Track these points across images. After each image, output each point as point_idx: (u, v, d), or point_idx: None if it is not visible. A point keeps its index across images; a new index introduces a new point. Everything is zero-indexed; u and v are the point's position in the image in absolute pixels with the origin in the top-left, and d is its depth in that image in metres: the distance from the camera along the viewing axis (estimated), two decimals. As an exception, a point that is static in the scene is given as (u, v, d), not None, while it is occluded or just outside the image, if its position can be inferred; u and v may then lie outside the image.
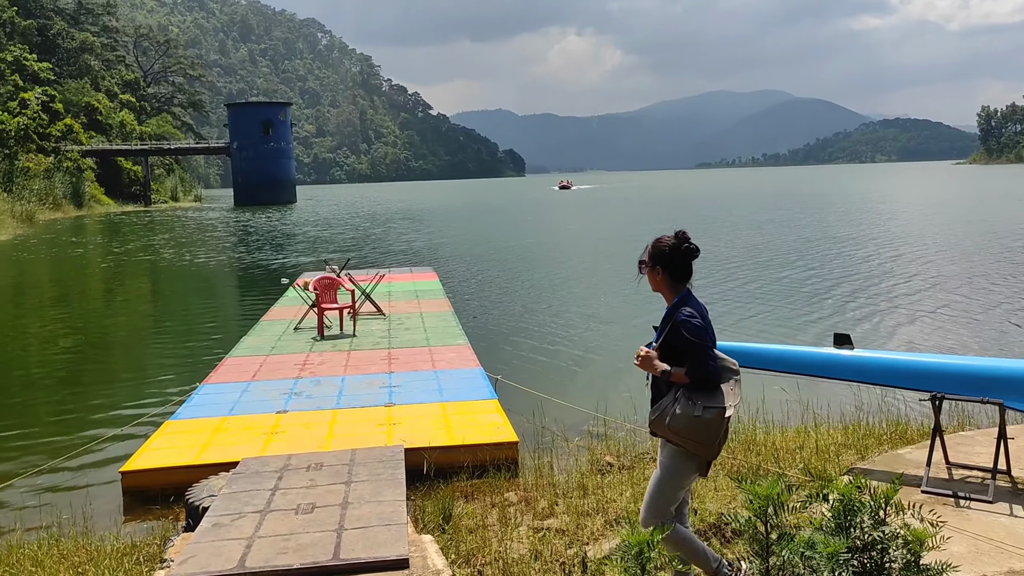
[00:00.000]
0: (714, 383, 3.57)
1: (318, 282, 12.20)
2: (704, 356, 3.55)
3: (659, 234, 4.01)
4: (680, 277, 3.74)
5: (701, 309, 3.73)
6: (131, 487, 6.64)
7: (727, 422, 3.58)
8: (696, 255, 3.75)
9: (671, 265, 3.73)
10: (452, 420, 7.73)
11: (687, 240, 3.73)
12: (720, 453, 3.76)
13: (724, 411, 3.53)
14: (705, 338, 3.59)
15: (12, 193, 53.88)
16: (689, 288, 3.79)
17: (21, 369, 12.28)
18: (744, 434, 7.38)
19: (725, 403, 3.55)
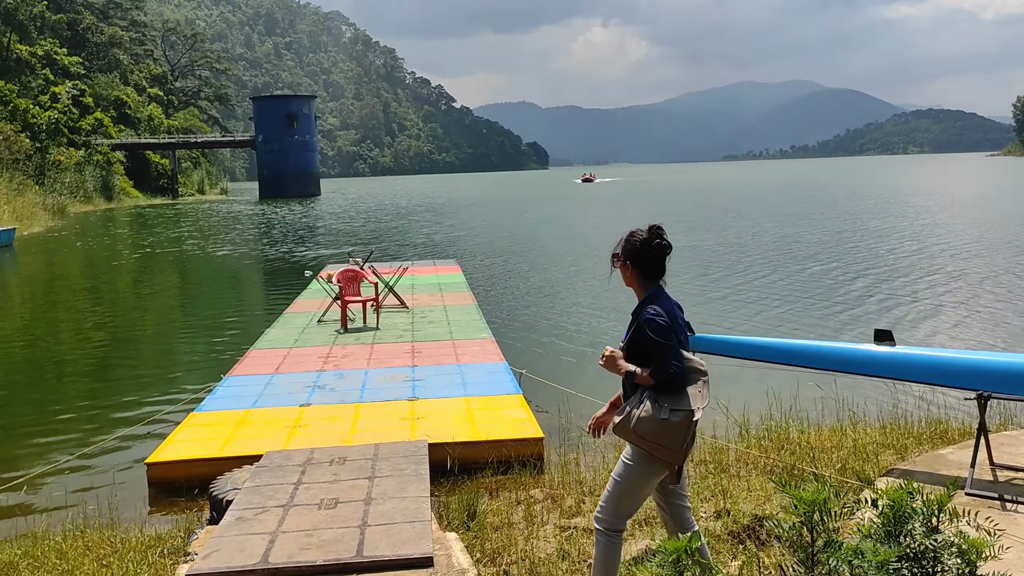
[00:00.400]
0: (679, 385, 3.41)
1: (342, 275, 12.15)
2: (668, 357, 3.40)
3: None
4: (651, 274, 3.60)
5: (670, 307, 3.58)
6: (156, 479, 6.62)
7: (694, 426, 3.42)
8: (668, 251, 3.59)
9: (642, 260, 3.58)
10: (476, 415, 7.63)
11: (660, 235, 3.58)
12: (687, 458, 3.56)
13: (691, 414, 3.37)
14: (670, 337, 3.43)
15: (44, 186, 54.51)
16: (662, 285, 3.65)
17: (50, 360, 12.35)
18: (777, 432, 7.22)
19: (692, 406, 3.39)
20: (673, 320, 3.50)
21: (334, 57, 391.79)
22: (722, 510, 5.30)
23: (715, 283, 18.07)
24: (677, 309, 3.64)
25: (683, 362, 3.44)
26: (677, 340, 3.48)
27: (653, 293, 3.59)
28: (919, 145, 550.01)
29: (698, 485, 5.92)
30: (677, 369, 3.38)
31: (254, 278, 23.34)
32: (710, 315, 14.03)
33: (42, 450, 7.94)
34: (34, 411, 9.40)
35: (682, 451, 3.43)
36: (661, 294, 3.60)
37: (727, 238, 28.43)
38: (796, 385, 8.72)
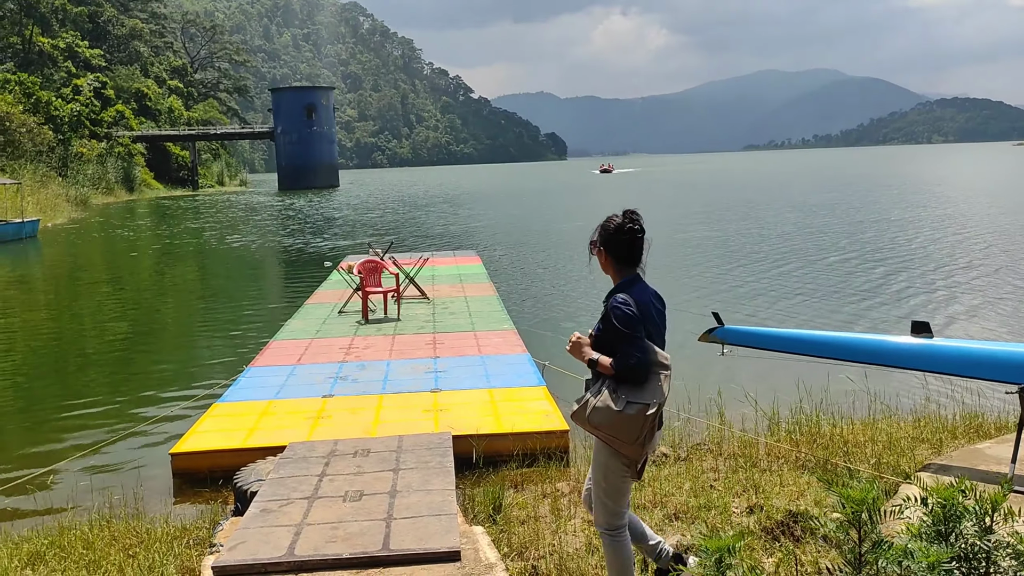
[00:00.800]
0: (639, 377, 3.29)
1: (362, 265, 12.11)
2: (630, 347, 3.27)
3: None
4: (626, 260, 3.49)
5: (643, 297, 3.45)
6: (180, 469, 6.60)
7: (650, 420, 3.28)
8: (640, 235, 3.47)
9: (616, 245, 3.47)
10: (500, 407, 7.56)
11: (633, 220, 3.47)
12: (649, 454, 3.44)
13: (646, 408, 3.26)
14: (634, 328, 3.29)
15: (67, 178, 54.93)
16: (640, 272, 3.53)
17: (73, 351, 12.42)
18: (808, 426, 7.10)
19: (649, 399, 3.28)
20: (644, 310, 3.39)
21: (352, 48, 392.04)
22: (755, 505, 5.21)
23: (737, 274, 17.91)
24: (653, 299, 3.52)
25: (647, 354, 3.30)
26: (645, 331, 3.35)
27: (627, 280, 3.48)
28: (944, 134, 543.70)
29: (729, 479, 5.82)
30: (637, 361, 3.26)
31: (274, 269, 23.40)
32: (735, 306, 13.90)
33: (66, 440, 7.96)
34: (58, 401, 9.44)
35: (638, 444, 3.32)
36: (636, 282, 3.49)
37: (747, 228, 28.18)
38: (826, 378, 8.59)
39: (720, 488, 5.65)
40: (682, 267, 19.19)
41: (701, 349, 10.82)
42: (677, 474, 6.14)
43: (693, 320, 12.83)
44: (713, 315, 6.49)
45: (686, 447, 6.98)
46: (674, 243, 24.36)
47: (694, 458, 6.65)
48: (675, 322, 12.39)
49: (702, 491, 5.61)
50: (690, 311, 13.76)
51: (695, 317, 13.05)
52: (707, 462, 6.49)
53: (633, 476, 3.47)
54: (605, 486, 3.50)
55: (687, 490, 5.66)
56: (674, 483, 5.86)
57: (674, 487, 5.76)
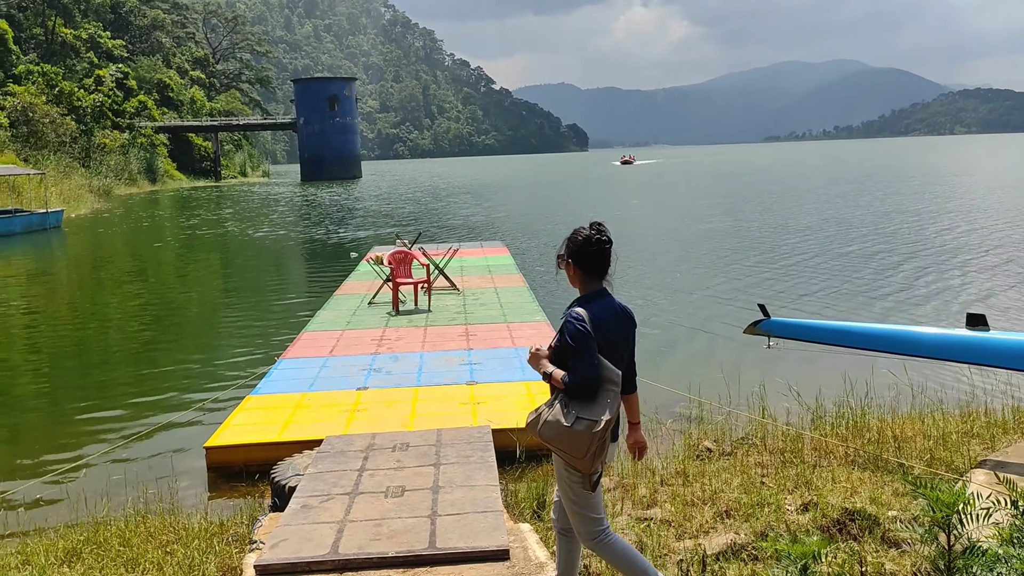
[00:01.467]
0: (586, 393, 3.22)
1: (392, 256, 11.98)
2: (579, 363, 3.22)
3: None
4: (594, 271, 3.41)
5: (602, 311, 3.36)
6: (215, 463, 6.51)
7: (598, 436, 3.19)
8: (607, 247, 3.40)
9: (584, 257, 3.39)
10: (538, 400, 7.39)
11: (600, 232, 3.39)
12: (600, 468, 3.35)
13: (595, 424, 3.17)
14: (585, 343, 3.23)
15: (90, 168, 55.26)
16: (607, 285, 3.47)
17: (101, 342, 12.38)
18: (852, 419, 6.90)
19: (598, 416, 3.19)
20: (600, 325, 3.31)
21: (373, 39, 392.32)
22: (809, 502, 5.02)
23: (769, 265, 17.63)
24: (618, 313, 3.43)
25: (594, 370, 3.22)
26: (599, 347, 3.27)
27: (590, 295, 3.42)
28: (966, 125, 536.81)
29: (779, 475, 5.64)
30: (583, 376, 3.20)
31: (299, 260, 23.36)
32: (769, 298, 13.66)
33: (98, 433, 7.89)
34: (87, 394, 9.39)
35: (587, 459, 3.24)
36: (599, 296, 3.42)
37: (773, 219, 27.83)
38: (866, 370, 8.37)
39: (771, 484, 5.47)
40: (713, 258, 18.94)
41: (738, 342, 10.68)
42: (723, 469, 5.97)
43: (728, 312, 12.65)
44: (759, 307, 6.29)
45: (730, 441, 6.81)
46: (699, 234, 24.09)
47: (739, 452, 6.47)
48: (710, 314, 12.14)
49: (752, 487, 5.43)
50: (724, 302, 13.54)
51: (733, 309, 12.86)
52: (753, 457, 6.31)
53: (586, 486, 3.38)
54: (573, 497, 3.44)
55: (737, 486, 5.48)
56: (722, 479, 5.69)
57: (722, 483, 5.59)
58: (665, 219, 30.45)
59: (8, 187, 38.43)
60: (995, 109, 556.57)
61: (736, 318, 12.19)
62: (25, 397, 9.49)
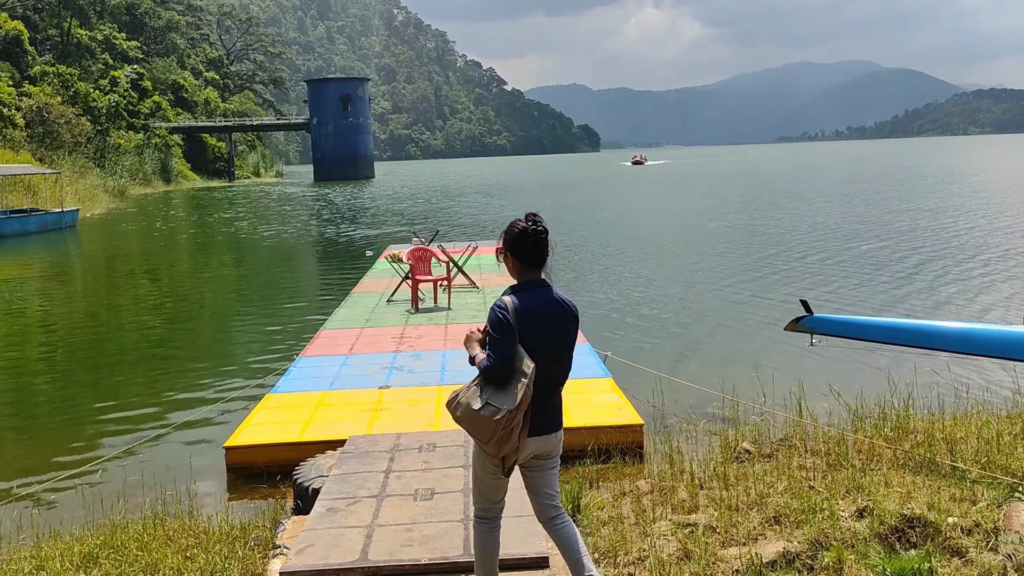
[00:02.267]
0: (495, 380, 3.26)
1: (411, 253, 11.76)
2: (492, 350, 3.27)
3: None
4: (531, 263, 3.41)
5: (531, 302, 3.34)
6: (235, 463, 6.28)
7: (502, 424, 3.23)
8: (543, 238, 3.39)
9: (520, 250, 3.39)
10: (567, 399, 7.08)
11: (536, 223, 3.41)
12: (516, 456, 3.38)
13: (496, 412, 3.22)
14: (503, 333, 3.26)
15: (105, 169, 55.34)
16: (546, 276, 3.46)
17: (117, 342, 12.19)
18: (895, 420, 6.60)
19: (503, 404, 3.23)
20: (525, 316, 3.30)
21: (386, 41, 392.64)
22: (864, 508, 4.74)
23: (796, 262, 17.31)
24: (553, 305, 3.39)
25: (504, 360, 3.25)
26: (522, 337, 3.28)
27: (521, 284, 3.43)
28: (980, 126, 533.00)
29: (828, 478, 5.36)
30: (492, 363, 3.25)
31: (314, 258, 23.18)
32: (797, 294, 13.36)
33: (114, 433, 7.69)
34: (103, 393, 9.17)
35: (493, 444, 3.30)
36: (532, 287, 3.41)
37: (790, 217, 27.47)
38: (911, 369, 8.08)
39: (820, 488, 5.19)
40: (736, 256, 18.62)
41: (771, 339, 10.39)
42: (766, 472, 5.70)
43: (759, 308, 12.31)
44: (801, 303, 5.99)
45: (768, 443, 6.53)
46: (715, 232, 23.78)
47: (779, 454, 6.20)
48: (739, 311, 11.80)
49: (800, 492, 5.16)
50: (754, 299, 13.23)
51: (764, 306, 12.54)
52: (794, 459, 6.03)
53: (500, 473, 3.46)
54: (479, 474, 3.53)
55: (783, 490, 5.21)
56: (766, 482, 5.42)
57: (767, 487, 5.31)
58: (684, 216, 30.12)
59: (24, 187, 38.45)
60: (1009, 109, 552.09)
61: (767, 315, 11.91)
62: (40, 396, 9.30)
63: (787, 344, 10.10)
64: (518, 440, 3.31)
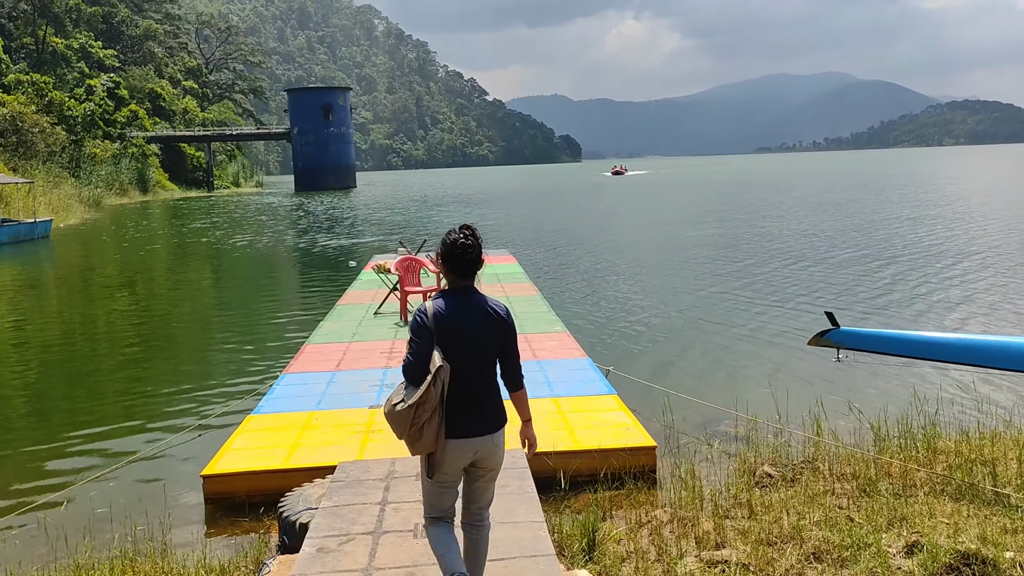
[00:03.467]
0: (410, 379, 3.41)
1: (400, 264, 11.26)
2: (409, 352, 3.42)
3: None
4: (460, 272, 3.52)
5: (451, 308, 3.46)
6: (213, 494, 5.75)
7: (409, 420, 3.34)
8: (471, 252, 3.50)
9: (452, 259, 3.51)
10: (571, 419, 6.69)
11: (467, 236, 3.53)
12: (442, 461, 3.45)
13: (395, 407, 3.37)
14: (416, 335, 3.42)
15: (79, 179, 54.35)
16: (475, 284, 3.58)
17: (88, 359, 11.50)
18: (924, 440, 6.17)
19: (406, 400, 3.36)
20: (443, 321, 3.42)
21: (367, 51, 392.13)
22: (913, 544, 4.30)
23: (805, 271, 16.95)
24: (477, 311, 3.50)
25: (416, 360, 3.39)
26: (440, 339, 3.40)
27: (447, 291, 3.56)
28: (955, 137, 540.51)
29: (867, 508, 4.92)
30: (407, 364, 3.42)
31: (296, 270, 22.57)
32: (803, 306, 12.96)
33: (82, 459, 7.10)
34: (73, 416, 8.51)
35: (407, 441, 3.41)
36: (458, 293, 3.53)
37: (772, 225, 27.20)
38: (935, 385, 7.69)
39: (859, 520, 4.74)
40: (736, 265, 18.24)
41: (785, 353, 9.95)
42: (792, 499, 5.26)
43: (771, 320, 11.86)
44: (827, 315, 5.59)
45: (790, 465, 6.08)
46: (697, 240, 23.44)
47: (803, 479, 5.75)
48: (751, 323, 11.30)
49: (837, 523, 4.71)
50: (765, 310, 12.80)
51: (776, 317, 12.10)
52: (820, 483, 5.59)
53: (425, 472, 3.54)
54: (422, 480, 3.60)
55: (819, 521, 4.76)
56: (796, 511, 4.97)
57: (798, 516, 4.86)
58: (664, 226, 29.76)
59: (-4, 197, 37.54)
60: (983, 120, 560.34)
61: (772, 326, 11.51)
62: (5, 418, 8.66)
63: (797, 357, 9.70)
64: (435, 440, 3.38)
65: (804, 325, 11.42)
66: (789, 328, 11.38)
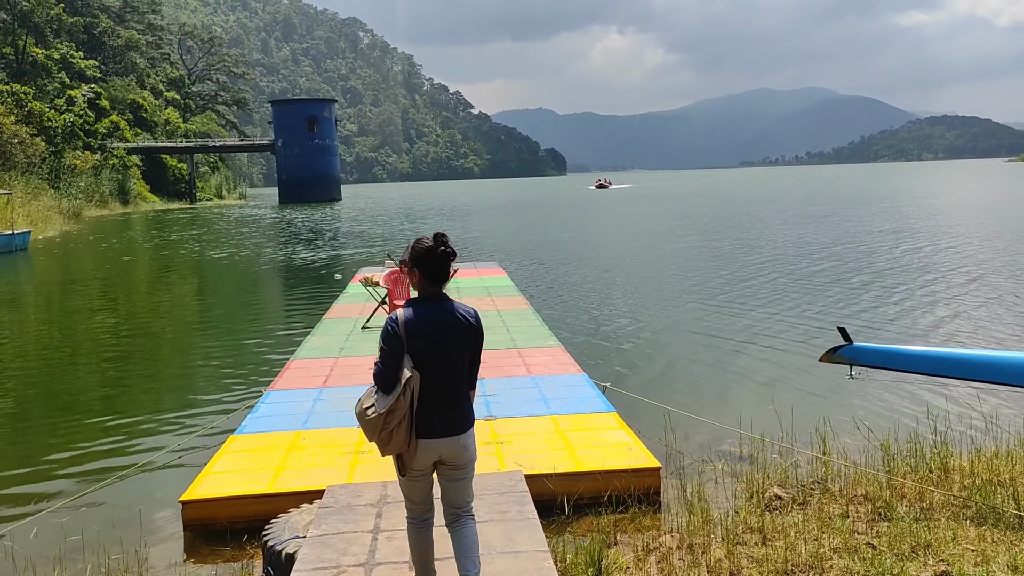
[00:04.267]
0: (381, 386, 3.53)
1: (388, 276, 10.96)
2: (379, 359, 3.53)
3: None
4: (434, 279, 3.63)
5: (423, 315, 3.54)
6: (193, 520, 5.42)
7: (379, 424, 3.46)
8: (451, 258, 3.61)
9: (426, 266, 3.60)
10: (571, 439, 6.41)
11: (444, 243, 3.60)
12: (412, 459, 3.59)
13: (365, 412, 3.51)
14: (385, 343, 3.51)
15: (59, 190, 53.65)
16: (446, 291, 3.69)
17: (65, 378, 11.00)
18: (936, 459, 5.92)
19: (376, 406, 3.48)
20: (414, 328, 3.50)
21: (352, 63, 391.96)
22: (942, 574, 4.05)
23: (804, 282, 16.77)
24: (448, 317, 3.58)
25: (384, 368, 3.50)
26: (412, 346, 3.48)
27: (418, 299, 3.64)
28: (933, 151, 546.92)
29: (884, 532, 4.66)
30: (377, 371, 3.53)
31: (282, 283, 22.17)
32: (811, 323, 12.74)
33: (55, 484, 6.70)
34: (46, 436, 8.06)
35: (378, 443, 3.52)
36: (429, 300, 3.61)
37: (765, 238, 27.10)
38: (937, 397, 7.47)
39: (882, 546, 4.49)
40: (724, 276, 18.04)
41: (786, 368, 9.69)
42: (805, 523, 5.00)
43: (772, 333, 11.60)
44: (839, 331, 5.35)
45: (798, 487, 5.82)
46: (681, 251, 23.27)
47: (814, 501, 5.49)
48: (751, 336, 11.02)
49: (858, 550, 4.45)
50: (765, 323, 12.57)
51: (779, 331, 11.86)
52: (833, 506, 5.34)
53: (397, 470, 3.68)
54: (398, 476, 3.73)
55: (838, 548, 4.50)
56: (811, 536, 4.71)
57: (816, 544, 4.60)
58: (648, 238, 29.60)
59: (-27, 208, 36.93)
60: (962, 135, 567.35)
61: (778, 340, 11.26)
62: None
63: (798, 371, 9.46)
64: (406, 442, 3.51)
65: (802, 337, 11.23)
66: (787, 340, 11.17)
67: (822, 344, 10.78)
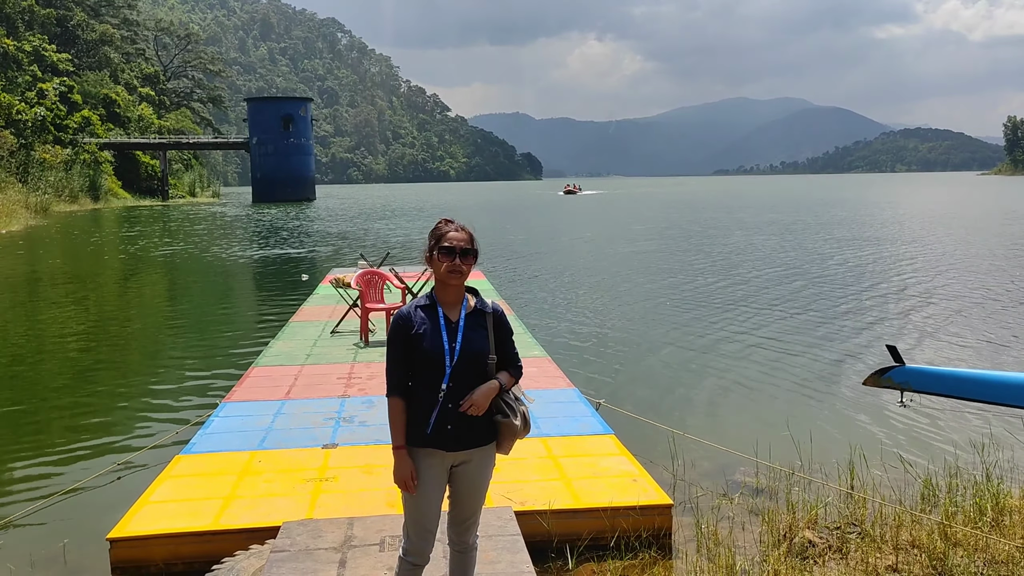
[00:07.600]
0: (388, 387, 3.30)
1: (360, 278, 10.12)
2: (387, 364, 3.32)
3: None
4: None
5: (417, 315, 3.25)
6: (122, 561, 4.56)
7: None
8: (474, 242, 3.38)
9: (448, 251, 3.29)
10: (565, 466, 5.60)
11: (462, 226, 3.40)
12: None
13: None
14: (391, 347, 3.28)
15: (28, 184, 52.20)
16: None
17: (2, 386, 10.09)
18: (984, 498, 5.17)
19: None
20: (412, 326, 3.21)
21: (329, 64, 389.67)
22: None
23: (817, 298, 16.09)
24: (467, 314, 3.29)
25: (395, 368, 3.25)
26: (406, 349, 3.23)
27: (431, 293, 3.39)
28: (907, 163, 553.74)
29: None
30: (387, 375, 3.30)
31: (249, 283, 21.18)
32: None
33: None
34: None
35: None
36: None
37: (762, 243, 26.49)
38: (982, 425, 6.75)
39: None
40: (720, 284, 17.34)
41: (798, 392, 8.77)
42: (846, 574, 4.23)
43: (790, 354, 10.78)
44: (889, 350, 4.60)
45: (828, 529, 5.06)
46: (669, 252, 22.60)
47: (853, 547, 4.72)
48: (765, 356, 10.08)
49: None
50: (779, 342, 11.78)
51: (795, 350, 11.04)
52: (879, 557, 4.56)
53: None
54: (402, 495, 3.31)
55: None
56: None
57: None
58: (619, 244, 28.92)
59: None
60: (935, 148, 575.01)
61: (783, 351, 10.48)
62: None
63: (816, 388, 8.65)
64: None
65: (818, 348, 10.50)
66: (800, 352, 10.41)
67: (835, 352, 10.08)
